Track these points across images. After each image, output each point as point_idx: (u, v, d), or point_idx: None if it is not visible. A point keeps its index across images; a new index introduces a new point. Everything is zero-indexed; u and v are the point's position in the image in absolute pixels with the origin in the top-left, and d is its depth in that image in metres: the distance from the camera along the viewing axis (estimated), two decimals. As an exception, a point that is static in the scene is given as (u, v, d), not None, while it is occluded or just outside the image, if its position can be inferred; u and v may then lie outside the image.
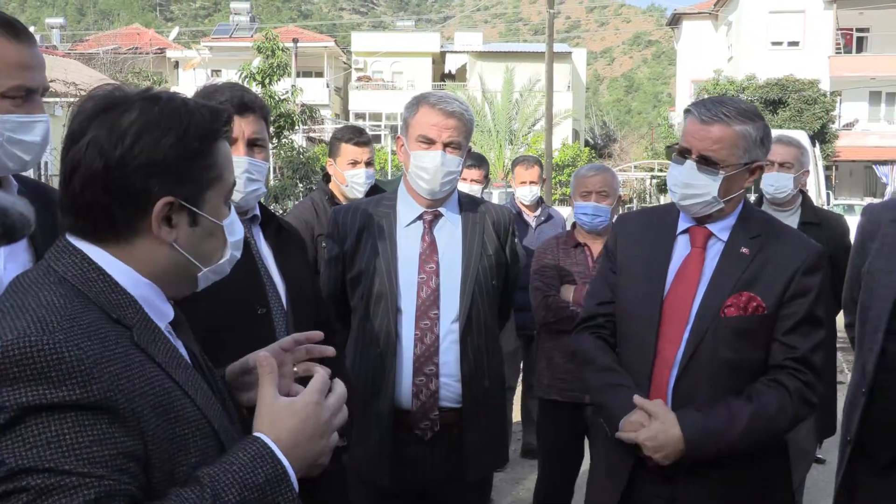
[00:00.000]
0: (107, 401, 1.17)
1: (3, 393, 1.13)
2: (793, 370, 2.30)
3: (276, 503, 1.27)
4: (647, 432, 2.24)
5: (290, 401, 1.35)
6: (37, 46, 1.91)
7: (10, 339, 1.16)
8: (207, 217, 1.37)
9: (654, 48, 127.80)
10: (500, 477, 5.27)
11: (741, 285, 2.31)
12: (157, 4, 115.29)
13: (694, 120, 2.33)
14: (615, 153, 45.07)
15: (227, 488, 1.22)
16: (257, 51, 13.00)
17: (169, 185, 1.31)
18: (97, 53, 31.25)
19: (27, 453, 1.12)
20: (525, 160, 5.72)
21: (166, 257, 1.35)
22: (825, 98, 31.20)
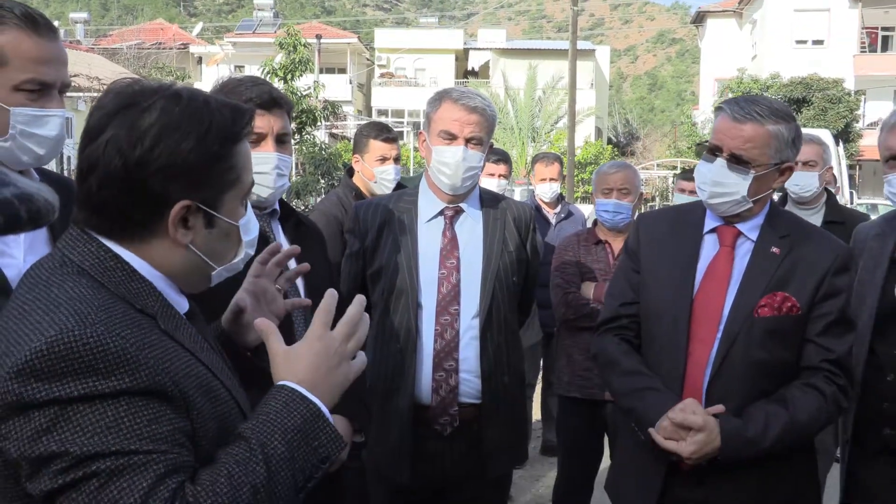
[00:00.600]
0: (155, 385, 1.20)
1: (53, 388, 1.14)
2: (829, 373, 2.28)
3: (318, 439, 1.31)
4: (691, 446, 2.20)
5: (298, 344, 1.38)
6: (59, 42, 1.90)
7: (52, 334, 1.17)
8: (224, 219, 1.37)
9: (678, 46, 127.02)
10: (520, 474, 5.26)
11: (773, 285, 2.29)
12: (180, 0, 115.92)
13: (726, 118, 2.30)
14: (638, 151, 44.83)
15: (271, 436, 1.26)
16: (279, 47, 13.05)
17: (187, 189, 1.30)
18: (121, 48, 31.47)
19: (89, 441, 1.14)
20: (545, 157, 5.71)
21: (181, 257, 1.35)
22: (849, 97, 30.89)
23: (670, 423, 2.23)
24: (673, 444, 2.21)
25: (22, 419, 1.14)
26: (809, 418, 2.25)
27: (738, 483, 2.28)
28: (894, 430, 2.46)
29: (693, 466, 2.25)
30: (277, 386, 1.33)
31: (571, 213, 5.59)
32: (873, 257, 2.61)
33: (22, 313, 1.22)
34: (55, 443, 1.14)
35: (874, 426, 2.52)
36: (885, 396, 2.48)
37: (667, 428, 2.24)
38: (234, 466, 1.23)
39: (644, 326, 2.47)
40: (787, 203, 4.12)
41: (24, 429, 1.14)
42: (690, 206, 2.56)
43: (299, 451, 1.28)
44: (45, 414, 1.14)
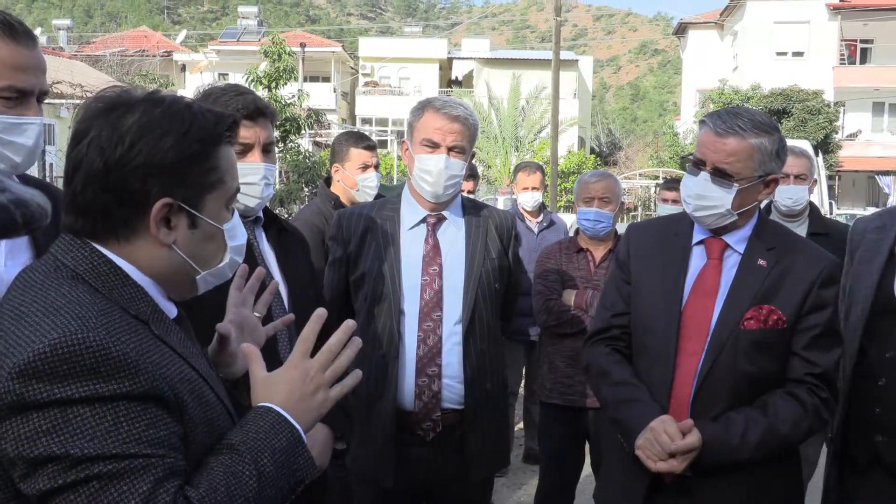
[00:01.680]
0: (153, 390, 1.22)
1: (55, 389, 1.15)
2: (812, 386, 2.28)
3: (297, 463, 1.35)
4: (665, 465, 2.21)
5: (277, 371, 1.42)
6: (37, 49, 1.88)
7: (55, 336, 1.18)
8: (207, 220, 1.38)
9: (660, 57, 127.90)
10: (502, 482, 5.27)
11: (760, 297, 2.29)
12: (164, 7, 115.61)
13: (709, 132, 2.30)
14: (620, 161, 45.05)
15: (262, 454, 1.31)
16: (264, 55, 13.02)
17: (168, 187, 1.32)
18: (104, 55, 31.29)
19: (89, 443, 1.16)
20: (527, 166, 5.73)
21: (165, 258, 1.36)
22: (829, 108, 31.19)
23: (647, 441, 2.23)
24: (664, 464, 2.21)
25: (21, 419, 1.15)
26: (789, 427, 2.25)
27: (724, 493, 2.28)
28: (886, 437, 2.41)
29: (676, 478, 2.26)
30: (264, 407, 1.37)
31: (553, 222, 5.61)
32: (870, 249, 2.54)
33: (18, 315, 1.23)
34: (55, 444, 1.15)
35: (865, 433, 2.47)
36: (876, 402, 2.43)
37: (643, 446, 2.24)
38: (230, 478, 1.27)
39: (635, 337, 2.47)
40: (772, 215, 4.14)
41: (22, 429, 1.15)
42: (679, 217, 2.56)
43: (283, 471, 1.33)
44: (45, 415, 1.15)
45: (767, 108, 30.18)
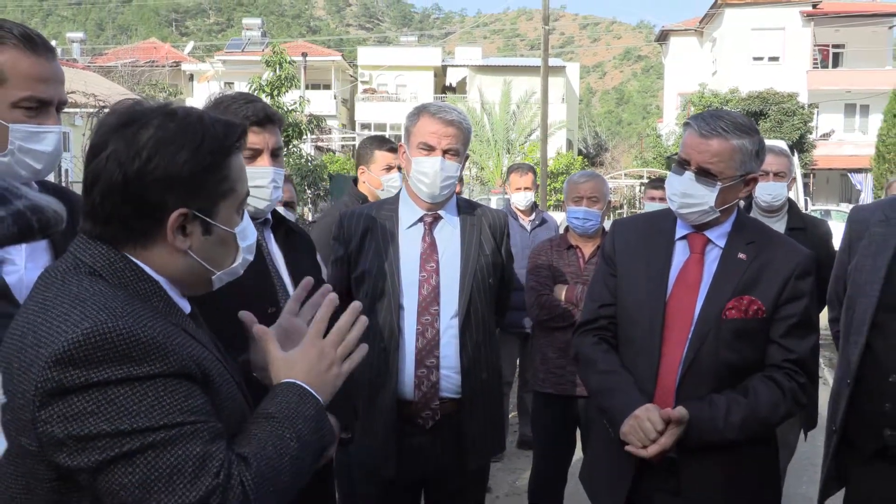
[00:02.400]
0: (183, 368, 1.25)
1: (91, 374, 1.17)
2: (789, 371, 2.30)
3: (323, 430, 1.42)
4: (657, 447, 2.22)
5: (294, 350, 1.48)
6: (55, 61, 1.89)
7: (87, 326, 1.19)
8: (220, 226, 1.39)
9: (644, 63, 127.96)
10: (498, 467, 5.27)
11: (740, 289, 2.30)
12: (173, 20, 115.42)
13: (693, 133, 2.32)
14: (606, 162, 45.05)
15: (296, 420, 1.38)
16: (266, 64, 13.00)
17: (184, 198, 1.33)
18: (115, 66, 31.20)
19: (136, 419, 1.18)
20: (519, 168, 5.73)
21: (181, 263, 1.37)
22: (803, 110, 31.24)
23: (630, 429, 2.25)
24: (654, 446, 2.21)
25: (64, 403, 1.17)
26: (769, 409, 2.27)
27: (707, 473, 2.30)
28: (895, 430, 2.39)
29: (662, 460, 2.26)
30: (287, 383, 1.43)
31: (545, 221, 5.61)
32: (876, 242, 2.50)
33: (44, 308, 1.24)
34: (104, 422, 1.17)
35: (872, 426, 2.45)
36: (887, 397, 2.40)
37: (628, 433, 2.26)
38: (276, 439, 1.34)
39: (621, 328, 2.48)
40: (752, 210, 4.14)
41: (68, 411, 1.17)
42: (663, 214, 2.57)
43: (314, 436, 1.39)
44: (86, 398, 1.17)
45: (745, 111, 30.20)
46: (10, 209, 1.04)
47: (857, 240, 2.60)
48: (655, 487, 2.36)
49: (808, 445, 4.31)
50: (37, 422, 1.18)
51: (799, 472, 4.64)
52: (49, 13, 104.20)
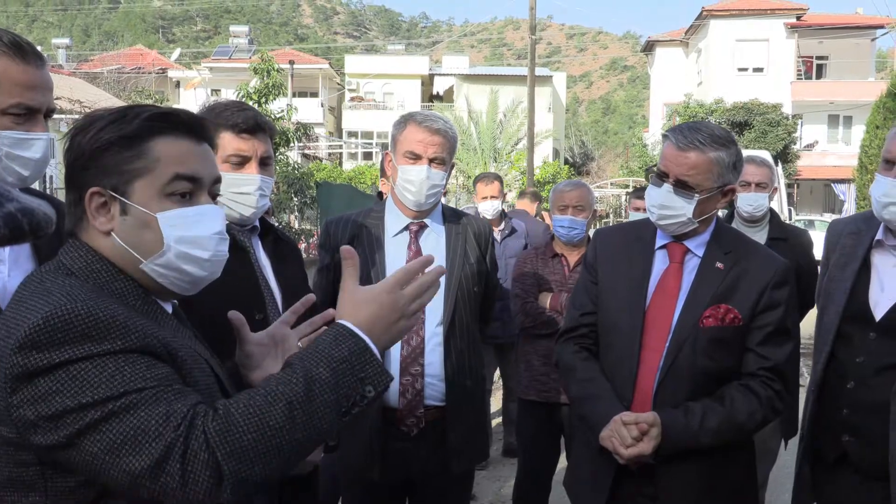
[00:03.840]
0: (146, 346, 1.25)
1: (53, 355, 1.18)
2: (765, 379, 2.33)
3: (364, 371, 1.31)
4: (635, 450, 2.24)
5: (369, 290, 1.40)
6: (45, 69, 1.89)
7: (46, 311, 1.21)
8: (136, 206, 1.36)
9: (630, 73, 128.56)
10: (483, 475, 5.27)
11: (718, 297, 2.33)
12: (159, 27, 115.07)
13: (671, 146, 2.34)
14: (593, 171, 45.24)
15: (317, 364, 1.28)
16: (254, 72, 12.98)
17: (96, 176, 1.35)
18: (101, 73, 31.08)
19: (98, 389, 1.18)
20: (485, 177, 5.69)
21: (109, 247, 1.37)
22: (787, 121, 31.49)
23: (608, 434, 2.27)
24: (634, 449, 2.23)
25: (31, 386, 1.18)
26: (745, 416, 2.29)
27: (685, 478, 2.32)
28: (853, 436, 2.43)
29: (640, 465, 2.29)
30: (334, 324, 1.37)
31: (515, 230, 5.52)
32: (845, 255, 2.55)
33: (18, 304, 1.27)
34: (68, 398, 1.17)
35: (833, 432, 2.49)
36: (845, 403, 2.45)
37: (606, 437, 2.28)
38: (273, 385, 1.26)
39: (601, 335, 2.50)
40: (734, 220, 4.17)
41: (35, 394, 1.18)
42: (643, 223, 2.59)
43: (344, 378, 1.28)
44: (51, 378, 1.18)
45: (730, 121, 30.45)
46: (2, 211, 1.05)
47: (832, 252, 2.64)
48: (634, 493, 2.39)
49: (790, 454, 4.33)
50: (10, 408, 1.20)
51: (782, 480, 4.66)
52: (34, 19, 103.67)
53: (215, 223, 1.43)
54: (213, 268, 1.44)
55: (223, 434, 1.20)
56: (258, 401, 1.23)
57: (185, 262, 1.39)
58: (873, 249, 2.49)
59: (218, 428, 1.20)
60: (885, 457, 2.30)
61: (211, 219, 1.42)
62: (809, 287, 3.92)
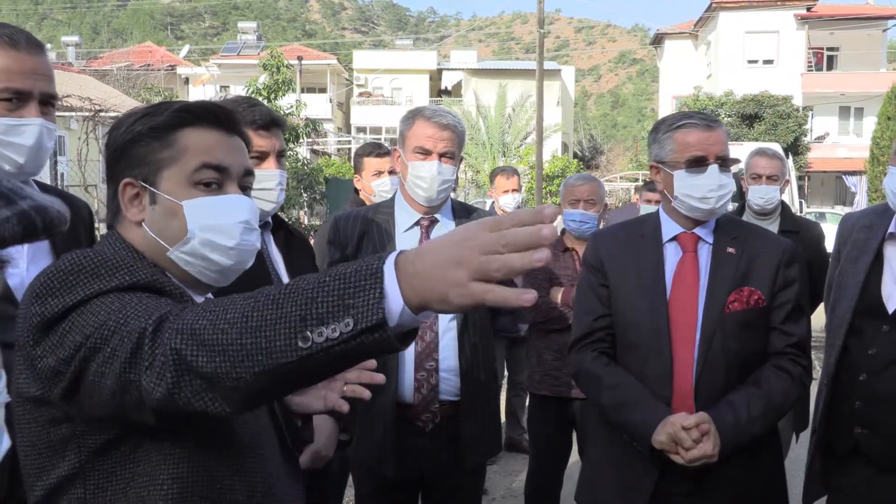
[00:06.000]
0: (155, 283, 1.27)
1: (67, 299, 1.20)
2: (793, 356, 2.38)
3: (354, 298, 0.97)
4: (698, 452, 2.22)
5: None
6: (41, 56, 1.87)
7: (58, 262, 1.26)
8: (164, 195, 1.38)
9: (639, 66, 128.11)
10: (494, 469, 5.28)
11: (738, 281, 2.36)
12: (168, 24, 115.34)
13: (697, 129, 2.36)
14: (602, 164, 45.13)
15: (303, 279, 1.05)
16: (263, 68, 12.99)
17: (129, 167, 1.39)
18: (111, 70, 31.19)
19: (99, 317, 1.18)
20: (504, 170, 5.72)
21: (142, 237, 1.39)
22: (798, 113, 31.32)
23: (668, 438, 2.23)
24: (697, 451, 2.21)
25: (50, 335, 1.20)
26: (783, 397, 2.33)
27: (720, 471, 2.30)
28: (865, 429, 2.43)
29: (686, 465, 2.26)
30: None
31: None
32: (857, 248, 2.56)
33: None
34: (78, 334, 1.17)
35: (846, 425, 2.49)
36: (858, 396, 2.45)
37: (664, 442, 2.25)
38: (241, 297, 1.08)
39: (622, 336, 2.47)
40: (745, 213, 4.16)
41: (53, 340, 1.19)
42: (639, 220, 2.63)
43: (325, 295, 0.99)
44: (66, 323, 1.19)
45: (740, 114, 30.35)
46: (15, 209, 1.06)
47: (844, 246, 2.64)
48: (669, 492, 2.37)
49: (801, 447, 4.32)
50: (35, 360, 1.21)
51: (793, 473, 4.65)
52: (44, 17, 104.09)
53: (241, 212, 1.41)
54: (239, 256, 1.41)
55: (182, 314, 1.11)
56: (234, 297, 1.08)
57: (209, 249, 1.38)
58: (886, 242, 2.48)
59: (181, 311, 1.13)
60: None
61: (237, 208, 1.41)
62: (821, 279, 3.91)
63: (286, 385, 1.08)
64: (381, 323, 0.96)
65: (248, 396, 1.06)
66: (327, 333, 0.98)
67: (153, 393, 1.08)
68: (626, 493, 2.43)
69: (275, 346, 1.00)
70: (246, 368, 1.02)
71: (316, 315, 0.98)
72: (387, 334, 0.97)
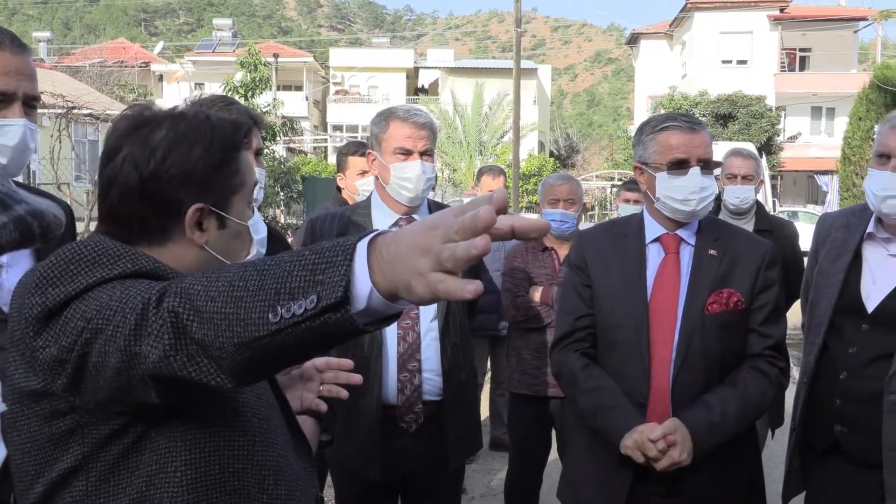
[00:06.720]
0: (156, 270, 1.26)
1: (68, 288, 1.18)
2: (771, 358, 2.40)
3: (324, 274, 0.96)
4: (666, 461, 2.24)
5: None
6: (24, 56, 1.86)
7: (57, 252, 1.24)
8: (234, 220, 1.41)
9: (614, 65, 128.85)
10: (473, 468, 5.29)
11: (717, 283, 2.38)
12: (141, 20, 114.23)
13: (680, 131, 2.38)
14: (578, 163, 45.37)
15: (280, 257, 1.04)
16: (240, 65, 12.90)
17: (199, 193, 1.35)
18: (83, 66, 30.80)
19: (100, 301, 1.16)
20: (491, 170, 5.74)
21: (196, 258, 1.38)
22: (771, 113, 31.66)
23: (634, 444, 2.26)
24: (664, 462, 2.23)
25: (52, 325, 1.18)
26: (760, 397, 2.35)
27: (697, 471, 2.31)
28: (845, 427, 2.45)
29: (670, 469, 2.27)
30: None
31: None
32: (836, 247, 2.58)
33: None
34: (80, 320, 1.16)
35: (825, 423, 2.51)
36: (837, 394, 2.47)
37: (629, 447, 2.27)
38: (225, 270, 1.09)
39: (603, 334, 2.48)
40: (721, 213, 4.20)
41: (55, 330, 1.17)
42: (625, 220, 2.64)
43: (299, 270, 0.98)
44: (67, 312, 1.18)
45: (714, 113, 30.63)
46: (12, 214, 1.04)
47: (822, 245, 2.67)
48: (647, 492, 2.39)
49: (776, 443, 4.37)
50: (36, 352, 1.19)
51: (768, 469, 4.71)
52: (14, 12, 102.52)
53: (262, 225, 1.53)
54: None
55: (183, 279, 1.12)
56: (230, 266, 1.09)
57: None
58: (865, 242, 2.51)
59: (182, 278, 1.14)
60: (877, 445, 2.33)
61: (261, 222, 1.52)
62: (795, 278, 3.96)
63: (269, 359, 1.06)
64: (343, 301, 0.94)
65: (233, 367, 1.05)
66: (294, 309, 0.97)
67: (150, 356, 1.08)
68: (604, 492, 2.45)
69: (251, 317, 1.00)
70: (227, 338, 1.02)
71: (288, 289, 0.98)
72: (349, 314, 0.95)
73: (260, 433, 1.36)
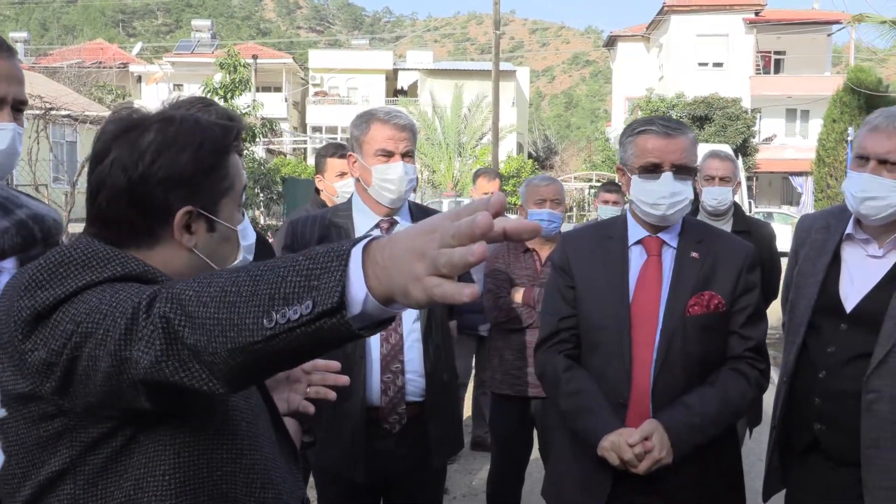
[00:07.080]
0: (146, 273, 1.25)
1: (57, 291, 1.18)
2: (751, 360, 2.42)
3: (320, 280, 0.96)
4: (647, 463, 2.26)
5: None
6: (11, 60, 1.84)
7: (47, 255, 1.23)
8: (224, 223, 1.40)
9: (592, 67, 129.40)
10: (455, 468, 5.28)
11: (699, 285, 2.39)
12: (119, 20, 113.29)
13: (657, 136, 2.38)
14: (556, 165, 45.52)
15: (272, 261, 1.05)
16: (220, 67, 12.83)
17: (188, 197, 1.34)
18: (61, 67, 30.50)
19: (90, 304, 1.16)
20: (487, 172, 5.78)
21: (185, 261, 1.37)
22: (746, 115, 31.95)
23: (611, 446, 2.28)
24: (645, 464, 2.25)
25: (41, 328, 1.17)
26: (739, 399, 2.37)
27: (677, 470, 2.33)
28: (824, 425, 2.46)
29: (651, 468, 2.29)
30: None
31: None
32: (816, 248, 2.59)
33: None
34: (70, 323, 1.15)
35: (804, 421, 2.53)
36: (816, 392, 2.48)
37: (606, 448, 2.29)
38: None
39: (586, 336, 2.49)
40: (699, 214, 4.23)
41: (43, 332, 1.17)
42: (610, 222, 2.64)
43: (294, 275, 0.98)
44: (57, 314, 1.17)
45: (691, 115, 30.84)
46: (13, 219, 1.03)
47: (802, 246, 2.68)
48: (630, 491, 2.39)
49: (755, 442, 4.41)
50: (25, 355, 1.18)
51: (746, 468, 4.74)
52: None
53: (251, 231, 1.51)
54: None
55: (174, 284, 1.12)
56: (221, 272, 1.09)
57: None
58: (843, 243, 2.53)
59: (173, 283, 1.14)
60: (856, 443, 2.35)
61: (250, 228, 1.50)
62: (772, 278, 3.99)
63: (262, 364, 1.05)
64: (339, 307, 0.94)
65: (226, 373, 1.05)
66: (289, 315, 0.97)
67: (141, 361, 1.07)
68: (586, 492, 2.46)
69: (245, 323, 0.99)
70: (220, 344, 1.01)
71: (283, 295, 0.98)
72: (344, 319, 0.95)
73: (248, 437, 1.35)
